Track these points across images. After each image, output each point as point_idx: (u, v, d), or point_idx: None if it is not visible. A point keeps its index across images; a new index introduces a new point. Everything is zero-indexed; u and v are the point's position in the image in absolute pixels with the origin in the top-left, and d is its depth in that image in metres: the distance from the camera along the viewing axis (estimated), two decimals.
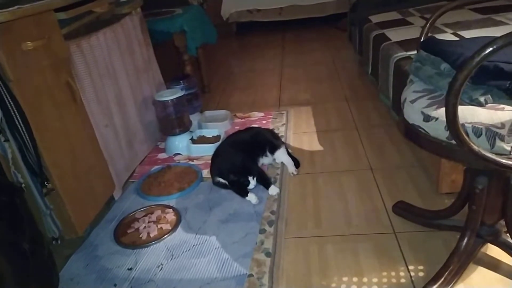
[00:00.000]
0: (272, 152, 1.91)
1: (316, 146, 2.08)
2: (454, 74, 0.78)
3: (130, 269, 1.39)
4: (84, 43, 1.65)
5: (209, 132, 2.28)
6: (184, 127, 2.18)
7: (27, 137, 1.22)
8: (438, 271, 1.13)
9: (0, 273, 0.92)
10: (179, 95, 2.11)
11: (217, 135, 2.26)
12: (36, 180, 1.29)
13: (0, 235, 0.92)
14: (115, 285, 1.33)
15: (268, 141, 1.94)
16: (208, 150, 2.11)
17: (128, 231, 1.58)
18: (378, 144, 2.00)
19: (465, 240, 1.13)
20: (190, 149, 2.15)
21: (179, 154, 2.18)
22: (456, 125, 0.81)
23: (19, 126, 1.20)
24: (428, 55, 1.05)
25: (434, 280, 1.12)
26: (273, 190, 1.71)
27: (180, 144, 2.17)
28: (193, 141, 2.21)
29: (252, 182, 1.70)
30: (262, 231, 1.49)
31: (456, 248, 1.14)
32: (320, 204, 1.61)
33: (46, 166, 1.31)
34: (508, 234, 1.16)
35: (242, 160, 1.75)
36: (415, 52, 1.72)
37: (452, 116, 0.81)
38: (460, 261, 1.13)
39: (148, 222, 1.61)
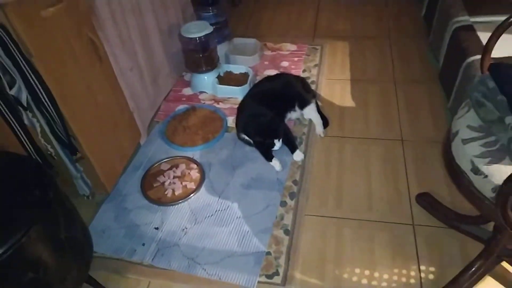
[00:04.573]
0: (302, 107, 1.83)
1: (348, 101, 1.98)
2: None
3: (157, 228, 1.49)
4: None
5: (236, 68, 2.17)
6: (211, 65, 2.06)
7: (54, 111, 1.19)
8: (447, 286, 1.18)
9: (44, 265, 1.00)
10: (208, 32, 1.94)
11: (245, 73, 2.15)
12: (65, 149, 1.30)
13: (40, 234, 0.97)
14: (143, 244, 1.44)
15: (298, 94, 1.84)
16: (234, 92, 2.04)
17: (154, 185, 1.64)
18: (415, 107, 1.88)
19: (482, 261, 1.15)
20: (216, 89, 2.07)
21: (205, 92, 2.11)
22: (505, 210, 0.75)
23: (44, 102, 1.16)
24: (495, 88, 0.91)
25: None
26: (298, 155, 1.69)
27: (206, 82, 2.09)
28: (220, 78, 2.12)
29: (278, 144, 1.68)
30: (283, 203, 1.53)
31: (471, 265, 1.17)
32: (343, 178, 1.61)
33: (75, 135, 1.30)
34: None
35: (269, 121, 1.69)
36: (483, 17, 1.51)
37: (503, 201, 0.74)
38: (472, 278, 1.17)
39: (173, 178, 1.65)
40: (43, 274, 1.02)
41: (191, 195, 1.59)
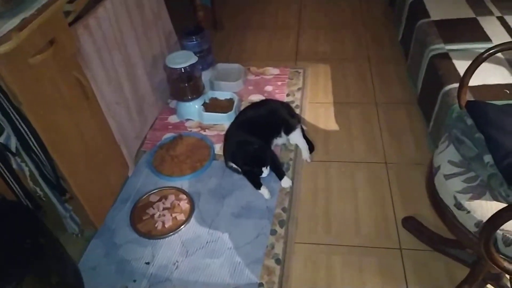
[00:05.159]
0: (288, 133, 1.87)
1: (332, 124, 2.03)
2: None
3: (148, 263, 1.49)
4: (92, 20, 1.49)
5: (222, 95, 2.20)
6: (196, 93, 2.09)
7: (43, 155, 1.19)
8: None
9: None
10: (192, 62, 1.97)
11: (230, 99, 2.18)
12: (54, 191, 1.29)
13: (33, 283, 0.97)
14: (134, 280, 1.44)
15: (284, 120, 1.88)
16: (220, 119, 2.07)
17: (144, 218, 1.64)
18: (397, 130, 1.94)
19: (467, 286, 1.19)
20: (202, 116, 2.09)
21: (191, 119, 2.13)
22: (488, 246, 0.79)
23: (33, 147, 1.16)
24: (473, 125, 0.96)
25: None
26: (286, 182, 1.72)
27: (192, 110, 2.11)
28: (205, 105, 2.14)
29: (266, 171, 1.70)
30: (273, 232, 1.55)
31: None
32: (331, 203, 1.64)
33: (63, 176, 1.30)
34: (510, 280, 1.22)
35: (256, 149, 1.71)
36: (458, 45, 1.57)
37: (486, 239, 0.78)
38: None
39: (163, 210, 1.66)
40: None
41: (181, 226, 1.60)
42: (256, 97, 2.24)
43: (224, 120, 2.06)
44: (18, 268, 0.96)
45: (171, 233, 1.58)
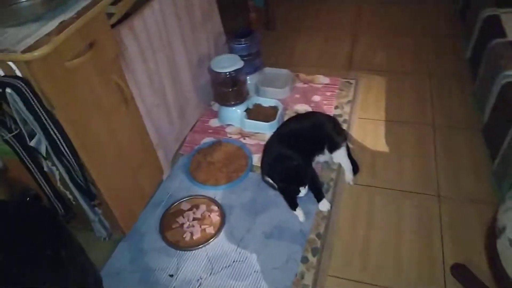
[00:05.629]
0: (332, 151, 1.73)
1: (381, 145, 1.87)
2: None
3: (171, 276, 1.44)
4: (137, 21, 1.45)
5: (266, 101, 2.10)
6: (240, 99, 2.01)
7: (73, 161, 1.17)
8: None
9: None
10: (238, 67, 1.89)
11: (274, 106, 2.08)
12: (84, 196, 1.27)
13: None
14: None
15: (329, 137, 1.74)
16: (262, 128, 1.98)
17: (173, 226, 1.60)
18: (455, 159, 1.74)
19: None
20: (244, 123, 2.01)
21: (232, 125, 2.06)
22: None
23: (64, 152, 1.14)
24: None
25: None
26: (324, 205, 1.60)
27: (234, 115, 2.04)
28: (248, 111, 2.06)
29: (303, 191, 1.58)
30: (305, 259, 1.44)
31: None
32: (371, 235, 1.50)
33: (94, 181, 1.27)
34: None
35: (295, 166, 1.60)
36: None
37: None
38: None
39: (193, 220, 1.60)
40: None
41: (210, 240, 1.54)
42: (302, 107, 2.12)
43: (265, 129, 1.97)
44: (35, 278, 0.94)
45: (199, 246, 1.52)
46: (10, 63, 0.98)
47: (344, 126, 1.95)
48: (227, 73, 1.88)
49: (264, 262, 1.45)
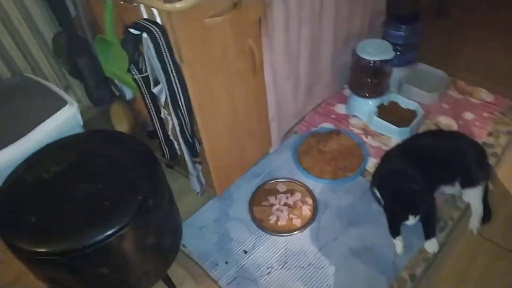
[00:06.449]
0: (464, 187, 1.44)
1: None
2: None
3: (246, 252, 1.42)
4: None
5: (405, 102, 1.84)
6: (376, 92, 1.79)
7: (187, 117, 1.17)
8: None
9: (120, 265, 1.03)
10: (386, 58, 1.65)
11: (413, 111, 1.81)
12: (189, 150, 1.29)
13: (128, 237, 0.98)
14: (226, 262, 1.40)
15: (467, 168, 1.44)
16: (390, 131, 1.75)
17: (263, 203, 1.55)
18: None
19: None
20: (372, 120, 1.80)
21: (357, 117, 1.87)
22: None
23: (181, 107, 1.14)
24: None
25: None
26: (431, 246, 1.37)
27: (364, 108, 1.83)
28: (381, 108, 1.83)
29: (412, 221, 1.36)
30: None
31: None
32: None
33: (201, 140, 1.27)
34: None
35: (412, 191, 1.37)
36: None
37: None
38: None
39: (284, 205, 1.53)
40: (117, 272, 1.05)
41: (293, 233, 1.46)
42: (446, 121, 1.80)
43: (394, 134, 1.74)
44: (120, 218, 0.98)
45: (280, 234, 1.46)
46: (154, 9, 0.97)
47: (492, 161, 1.60)
48: (372, 61, 1.66)
49: (341, 280, 1.32)
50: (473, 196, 1.44)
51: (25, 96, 1.31)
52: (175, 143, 1.28)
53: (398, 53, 1.80)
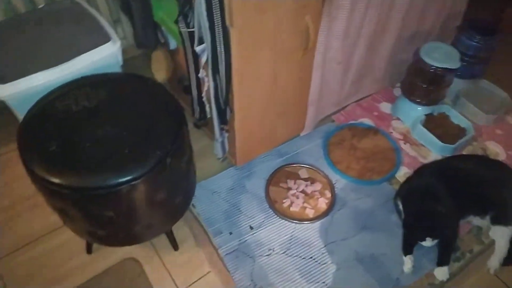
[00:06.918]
0: (494, 223, 1.35)
1: None
2: None
3: (251, 228, 1.41)
4: None
5: (458, 118, 1.71)
6: (429, 101, 1.67)
7: (224, 84, 1.12)
8: None
9: (128, 214, 1.04)
10: (450, 67, 1.52)
11: (464, 128, 1.69)
12: (219, 116, 1.25)
13: (140, 189, 0.98)
14: (230, 233, 1.39)
15: (503, 204, 1.35)
16: (432, 144, 1.65)
17: (280, 185, 1.52)
18: None
19: None
20: (416, 128, 1.69)
21: (401, 121, 1.76)
22: None
23: (220, 72, 1.09)
24: None
25: None
26: (442, 274, 1.30)
27: (410, 113, 1.72)
28: (429, 117, 1.71)
29: (429, 243, 1.30)
30: None
31: None
32: None
33: (233, 109, 1.23)
34: None
35: (437, 213, 1.30)
36: None
37: None
38: None
39: (301, 192, 1.49)
40: (122, 218, 1.06)
41: (303, 222, 1.43)
42: (495, 148, 1.67)
43: (435, 149, 1.64)
44: (136, 168, 0.97)
45: (290, 220, 1.43)
46: None
47: None
48: (434, 67, 1.53)
49: (338, 281, 1.29)
50: (501, 235, 1.35)
51: (71, 23, 1.30)
52: (207, 105, 1.25)
53: (465, 63, 1.65)
